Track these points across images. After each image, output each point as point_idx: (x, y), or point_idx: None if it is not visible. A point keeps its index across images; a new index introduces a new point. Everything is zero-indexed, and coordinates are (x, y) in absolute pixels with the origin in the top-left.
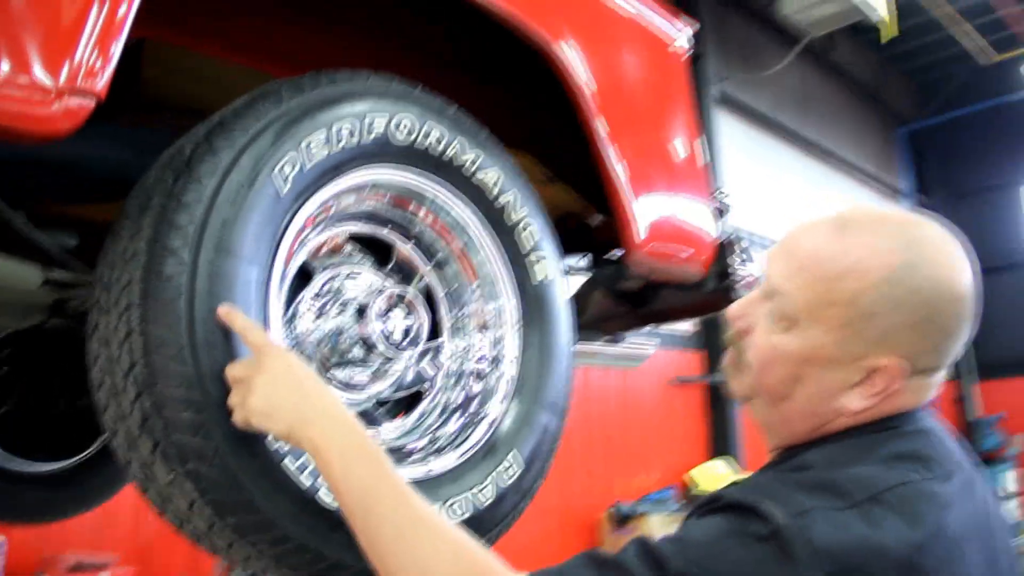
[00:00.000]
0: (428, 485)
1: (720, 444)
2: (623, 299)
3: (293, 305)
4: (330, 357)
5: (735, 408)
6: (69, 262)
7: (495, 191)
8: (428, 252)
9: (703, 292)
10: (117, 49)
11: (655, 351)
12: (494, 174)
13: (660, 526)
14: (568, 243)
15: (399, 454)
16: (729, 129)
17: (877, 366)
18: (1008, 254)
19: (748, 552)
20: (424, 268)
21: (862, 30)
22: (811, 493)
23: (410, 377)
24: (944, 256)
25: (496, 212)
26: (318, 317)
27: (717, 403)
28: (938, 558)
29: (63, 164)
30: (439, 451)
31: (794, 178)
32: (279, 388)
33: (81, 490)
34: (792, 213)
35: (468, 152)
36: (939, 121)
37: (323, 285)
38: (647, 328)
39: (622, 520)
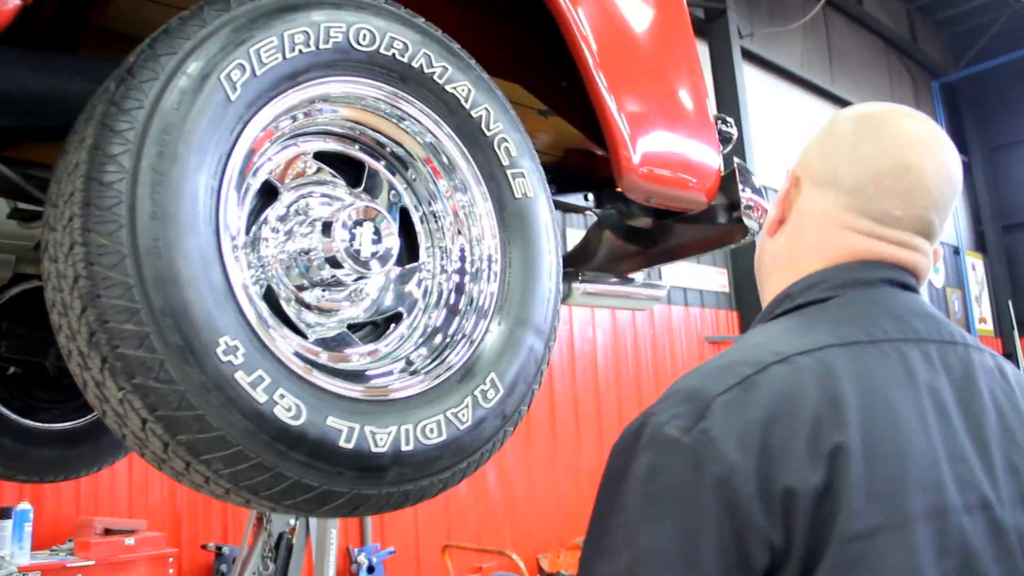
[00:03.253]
0: (399, 406)
1: None
2: (633, 238)
3: (257, 225)
4: (301, 280)
5: None
6: (34, 194)
7: (468, 104)
8: (400, 169)
9: (714, 225)
10: None
11: (685, 308)
12: (466, 87)
13: None
14: (572, 182)
15: (367, 377)
16: (756, 85)
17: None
18: None
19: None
20: (398, 185)
21: None
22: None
23: (389, 300)
24: (889, 108)
25: (470, 125)
26: (286, 240)
27: None
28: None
29: (27, 101)
30: (414, 373)
31: None
32: None
33: (94, 448)
34: None
35: (436, 63)
36: (973, 72)
37: (291, 206)
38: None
39: None
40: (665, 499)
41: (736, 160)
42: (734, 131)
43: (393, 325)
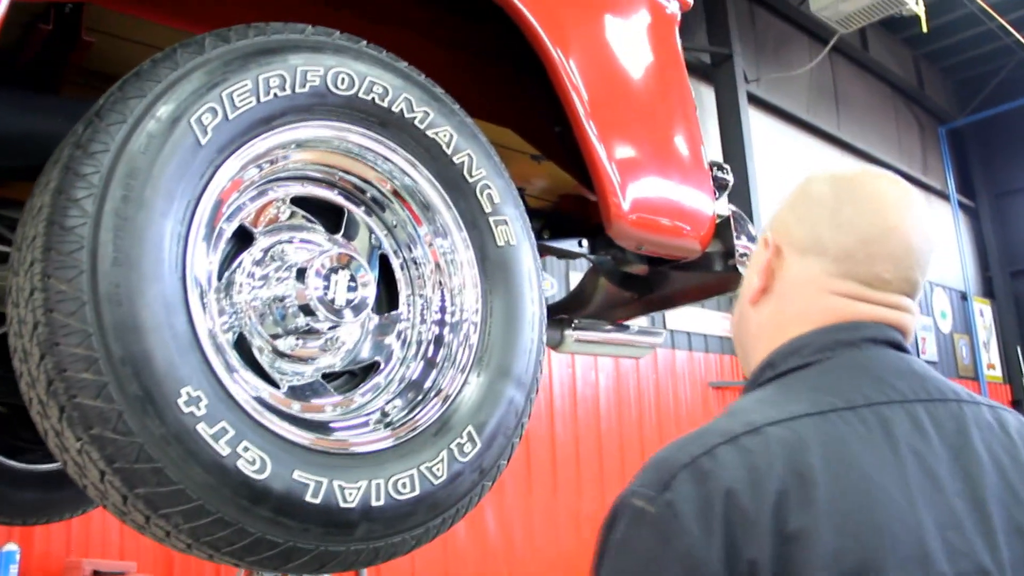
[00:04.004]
0: (371, 460)
1: None
2: (629, 284)
3: (230, 271)
4: (275, 328)
5: None
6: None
7: (450, 149)
8: (380, 214)
9: (710, 272)
10: None
11: (689, 352)
12: (448, 132)
13: None
14: (566, 227)
15: (339, 428)
16: (762, 130)
17: (764, 239)
18: None
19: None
20: (378, 231)
21: (896, 28)
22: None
23: (367, 350)
24: (861, 171)
25: (452, 171)
26: (260, 286)
27: None
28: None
29: (5, 141)
30: (388, 425)
31: None
32: None
33: (78, 491)
34: None
35: (418, 108)
36: (980, 118)
37: (266, 252)
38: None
39: None
40: (634, 572)
41: (731, 208)
42: (730, 178)
43: (370, 375)
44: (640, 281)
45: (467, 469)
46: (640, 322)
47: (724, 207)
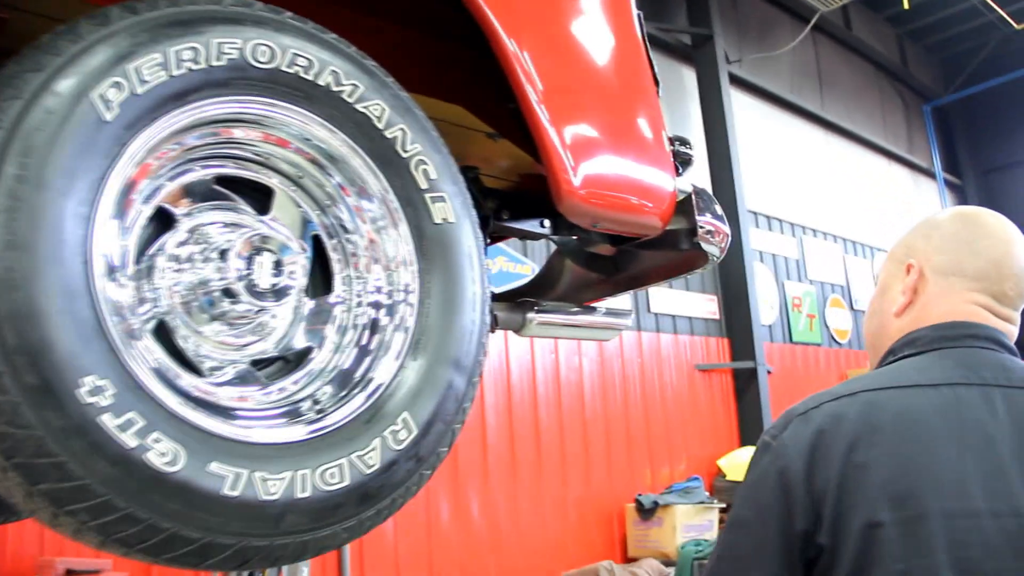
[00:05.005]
0: (298, 449)
1: (749, 432)
2: (595, 265)
3: (150, 254)
4: (200, 314)
5: (764, 395)
6: None
7: (381, 124)
8: (310, 194)
9: (675, 251)
10: None
11: (674, 336)
12: (379, 106)
13: (686, 517)
14: (527, 208)
15: (266, 417)
16: (745, 111)
17: (908, 265)
18: None
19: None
20: (309, 211)
21: (878, 6)
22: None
23: (300, 335)
24: (974, 209)
25: (384, 146)
26: (182, 270)
27: (745, 390)
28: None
29: None
30: (320, 412)
31: (817, 160)
32: None
33: None
34: (817, 196)
35: (346, 81)
36: (964, 95)
37: (190, 234)
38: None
39: (647, 511)
40: (754, 480)
41: (693, 184)
42: (692, 153)
43: (303, 362)
44: (607, 261)
45: (402, 457)
46: (608, 303)
47: (686, 183)
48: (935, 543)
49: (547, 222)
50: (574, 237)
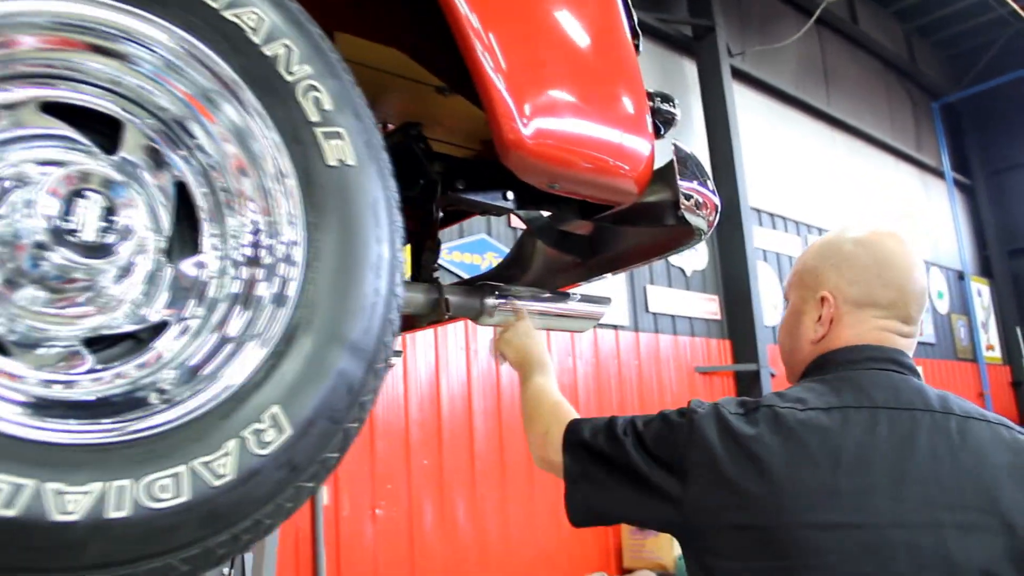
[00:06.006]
0: (117, 453)
1: None
2: (569, 246)
3: None
4: (15, 277)
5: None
6: None
7: (257, 37)
8: (170, 127)
9: (660, 226)
10: None
11: (674, 337)
12: (254, 14)
13: None
14: (489, 177)
15: (90, 410)
16: (748, 105)
17: (823, 298)
18: None
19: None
20: (169, 151)
21: (886, 0)
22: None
23: (158, 305)
24: (873, 233)
25: (262, 66)
26: None
27: (748, 394)
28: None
29: None
30: (167, 401)
31: (822, 157)
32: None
33: None
34: (823, 194)
35: None
36: (975, 93)
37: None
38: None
39: None
40: (672, 426)
41: (676, 144)
42: (676, 111)
43: (154, 340)
44: (582, 241)
45: (269, 465)
46: (584, 289)
47: (668, 146)
48: (789, 549)
49: (510, 194)
50: (543, 213)
